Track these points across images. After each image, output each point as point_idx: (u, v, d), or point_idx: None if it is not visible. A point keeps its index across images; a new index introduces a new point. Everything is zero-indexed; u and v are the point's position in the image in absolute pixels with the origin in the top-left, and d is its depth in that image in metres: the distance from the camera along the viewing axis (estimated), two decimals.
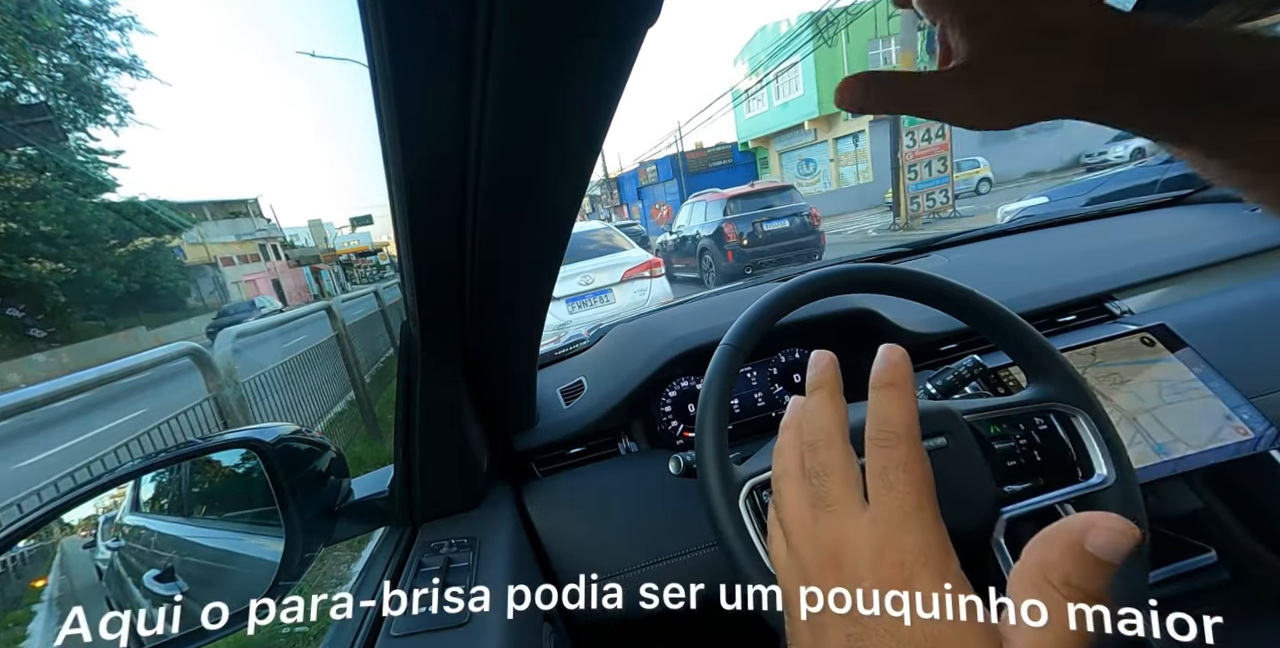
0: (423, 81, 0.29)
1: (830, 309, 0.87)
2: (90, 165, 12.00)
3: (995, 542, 0.51)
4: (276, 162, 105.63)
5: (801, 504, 0.27)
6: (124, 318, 14.74)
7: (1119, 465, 0.52)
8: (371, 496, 0.67)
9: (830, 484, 0.26)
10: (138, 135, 33.12)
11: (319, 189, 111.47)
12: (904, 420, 0.25)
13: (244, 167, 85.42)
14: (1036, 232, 1.26)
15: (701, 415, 0.54)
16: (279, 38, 48.79)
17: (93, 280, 11.18)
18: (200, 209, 24.93)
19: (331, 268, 31.25)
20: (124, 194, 13.53)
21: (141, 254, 12.70)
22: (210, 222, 24.94)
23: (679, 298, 1.19)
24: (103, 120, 12.29)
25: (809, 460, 0.28)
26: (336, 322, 3.86)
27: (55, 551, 0.56)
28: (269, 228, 28.01)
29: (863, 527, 0.24)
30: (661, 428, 0.91)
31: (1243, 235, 1.02)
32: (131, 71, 12.91)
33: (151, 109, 56.06)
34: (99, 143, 12.44)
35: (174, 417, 2.30)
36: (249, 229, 26.65)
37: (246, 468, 0.58)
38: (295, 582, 0.54)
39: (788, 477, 0.28)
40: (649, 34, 0.27)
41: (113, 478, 0.54)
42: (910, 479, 0.24)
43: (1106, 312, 0.92)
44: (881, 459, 0.25)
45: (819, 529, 0.26)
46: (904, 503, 0.24)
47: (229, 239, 25.05)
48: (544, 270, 0.51)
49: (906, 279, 0.56)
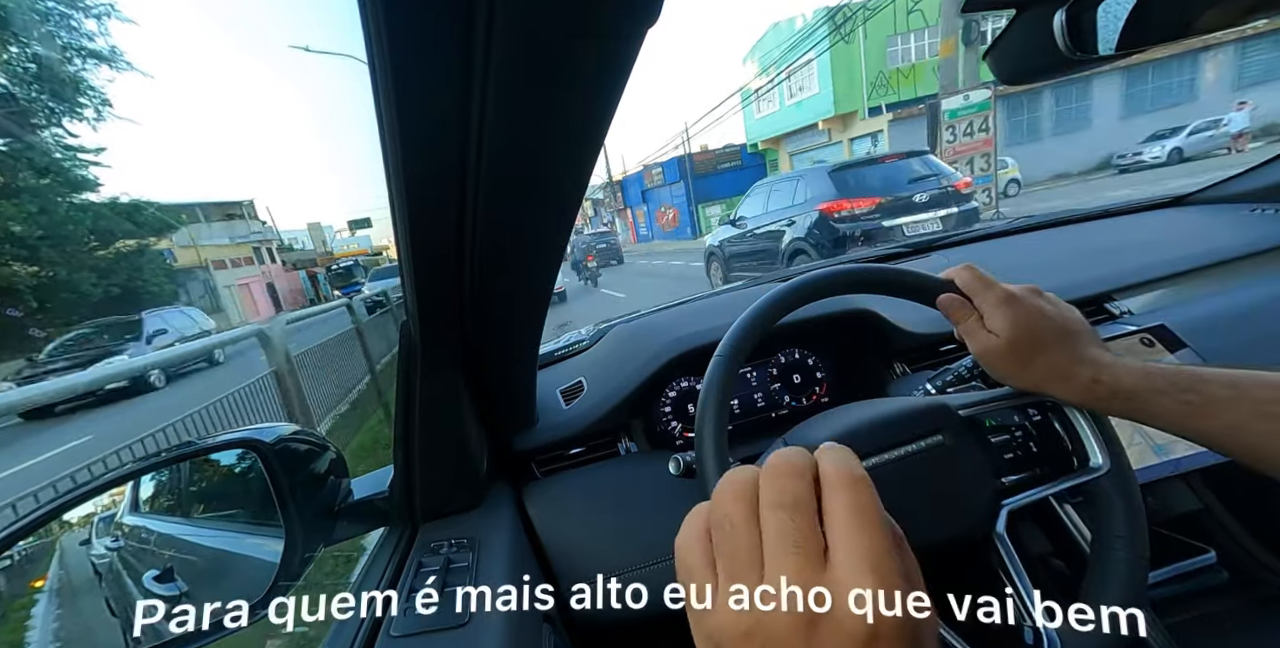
0: (423, 82, 0.29)
1: (830, 310, 0.87)
2: (68, 163, 11.27)
3: (998, 535, 0.51)
4: (274, 164, 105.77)
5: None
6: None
7: (1114, 454, 0.52)
8: (371, 495, 0.67)
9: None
10: (125, 133, 32.43)
11: (318, 191, 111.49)
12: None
13: (240, 168, 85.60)
14: (1036, 232, 1.26)
15: (700, 423, 0.54)
16: (278, 37, 49.03)
17: (68, 284, 10.47)
18: (194, 211, 24.37)
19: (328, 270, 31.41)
20: (106, 194, 12.56)
21: (124, 256, 11.98)
22: (204, 224, 24.42)
23: (679, 298, 1.19)
24: (79, 114, 11.47)
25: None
26: (274, 352, 2.93)
27: (55, 549, 0.56)
28: (264, 230, 27.46)
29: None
30: (661, 428, 0.91)
31: (1243, 236, 1.02)
32: (110, 63, 11.88)
33: (141, 105, 55.43)
34: (78, 139, 11.46)
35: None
36: (244, 232, 26.00)
37: (246, 468, 0.58)
38: (295, 582, 0.54)
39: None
40: (651, 35, 0.27)
41: (112, 478, 0.54)
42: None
43: (1106, 312, 0.92)
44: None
45: None
46: None
47: (223, 242, 24.45)
48: (544, 270, 0.51)
49: (905, 279, 0.56)
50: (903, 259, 1.21)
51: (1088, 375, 0.47)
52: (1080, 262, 1.03)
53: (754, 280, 1.22)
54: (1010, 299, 0.50)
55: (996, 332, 0.49)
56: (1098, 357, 0.47)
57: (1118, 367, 0.46)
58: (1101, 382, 0.46)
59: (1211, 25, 0.38)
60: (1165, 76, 15.87)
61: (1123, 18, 0.39)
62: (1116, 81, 16.02)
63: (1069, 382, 0.48)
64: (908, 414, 0.54)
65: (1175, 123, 14.23)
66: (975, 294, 0.52)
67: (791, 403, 0.94)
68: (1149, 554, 0.51)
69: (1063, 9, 0.42)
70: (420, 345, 0.55)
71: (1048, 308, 0.50)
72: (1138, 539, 0.50)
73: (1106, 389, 0.46)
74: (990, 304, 0.50)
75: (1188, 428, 0.44)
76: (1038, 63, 0.47)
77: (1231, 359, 0.77)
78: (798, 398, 0.94)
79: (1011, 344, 0.49)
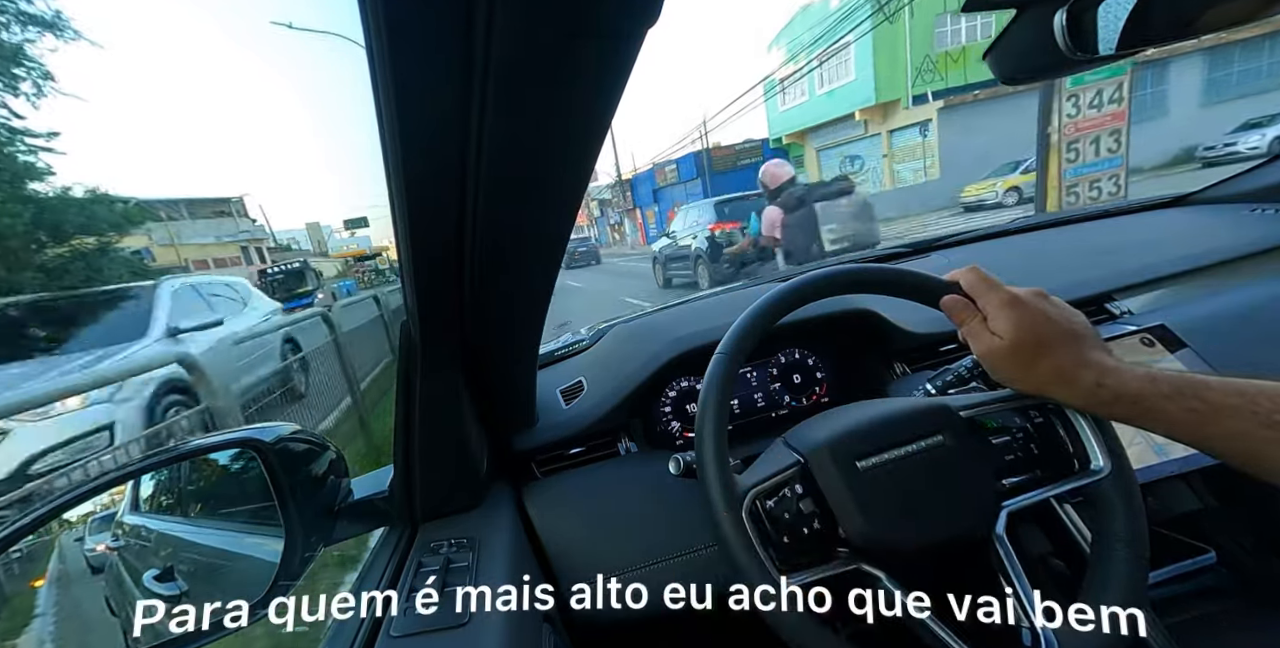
0: (423, 82, 0.29)
1: (830, 309, 0.87)
2: (8, 148, 9.20)
3: (997, 536, 0.51)
4: (272, 162, 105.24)
5: None
6: None
7: (1115, 456, 0.52)
8: (371, 495, 0.67)
9: None
10: (96, 120, 30.24)
11: (317, 191, 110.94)
12: None
13: (236, 165, 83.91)
14: (1036, 232, 1.26)
15: (701, 422, 0.54)
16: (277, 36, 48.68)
17: (5, 285, 8.93)
18: (178, 207, 23.47)
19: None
20: (59, 184, 9.92)
21: (81, 256, 10.19)
22: (188, 221, 23.46)
23: (679, 298, 1.19)
24: (14, 88, 9.06)
25: None
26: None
27: (54, 547, 0.56)
28: (254, 229, 26.72)
29: None
30: (661, 428, 0.91)
31: (1243, 236, 1.02)
32: (55, 31, 9.16)
33: (125, 95, 51.94)
34: (25, 121, 9.14)
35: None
36: (232, 230, 25.18)
37: (246, 468, 0.58)
38: (295, 582, 0.54)
39: None
40: (664, 25, 0.27)
41: (113, 477, 0.54)
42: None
43: (1106, 312, 0.92)
44: None
45: None
46: None
47: (208, 241, 23.65)
48: (544, 270, 0.51)
49: (909, 280, 0.56)
50: (903, 259, 1.21)
51: (1091, 379, 0.47)
52: (1080, 262, 1.03)
53: (754, 280, 1.22)
54: (1015, 302, 0.50)
55: (1000, 334, 0.50)
56: (1102, 360, 0.47)
57: (1122, 371, 0.46)
58: (1106, 386, 0.46)
59: (1212, 25, 0.38)
60: (1254, 59, 13.56)
61: (1123, 18, 0.39)
62: (1197, 65, 13.79)
63: (1072, 385, 0.48)
64: (908, 415, 0.54)
65: (1270, 110, 11.73)
66: (979, 296, 0.52)
67: (791, 403, 0.94)
68: (1149, 556, 0.51)
69: (1063, 9, 0.42)
70: (420, 345, 0.55)
71: (1052, 311, 0.50)
72: (1138, 541, 0.50)
73: (1110, 393, 0.46)
74: (994, 306, 0.50)
75: (1191, 435, 0.44)
76: (1038, 63, 0.47)
77: (1231, 360, 0.77)
78: (798, 398, 0.94)
79: (1015, 347, 0.49)
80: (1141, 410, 0.45)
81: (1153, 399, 0.44)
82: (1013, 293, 0.50)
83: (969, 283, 0.53)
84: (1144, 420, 0.46)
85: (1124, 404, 0.46)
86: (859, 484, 0.51)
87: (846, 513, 0.50)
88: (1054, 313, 0.50)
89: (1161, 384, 0.44)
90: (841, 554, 0.52)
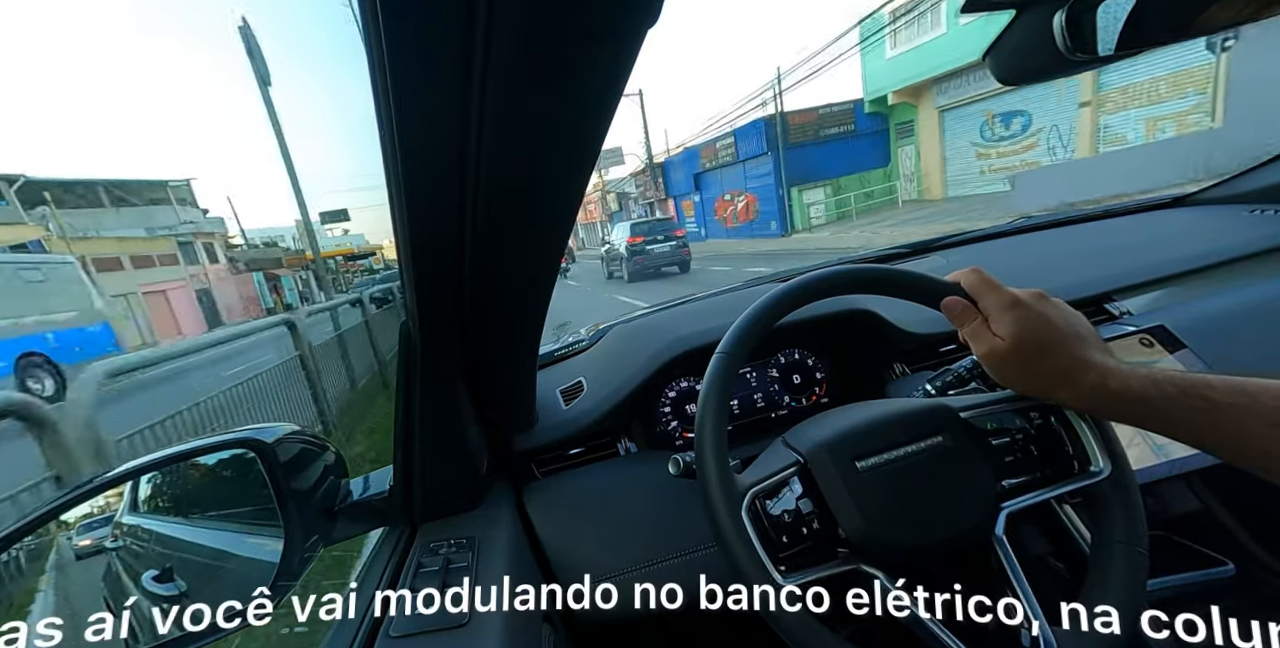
0: (422, 82, 0.29)
1: (830, 310, 0.87)
2: None
3: (996, 538, 0.51)
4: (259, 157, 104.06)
5: None
6: None
7: (1115, 457, 0.52)
8: (371, 495, 0.66)
9: None
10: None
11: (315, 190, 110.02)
12: None
13: (206, 158, 78.07)
14: (1036, 232, 1.26)
15: (700, 422, 0.54)
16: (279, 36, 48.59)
17: None
18: (94, 191, 17.91)
19: (296, 274, 23.69)
20: None
21: None
22: (109, 209, 18.01)
23: (679, 298, 1.19)
24: None
25: None
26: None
27: (51, 548, 0.56)
28: (204, 221, 20.98)
29: None
30: (661, 429, 0.91)
31: (1243, 236, 1.02)
32: None
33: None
34: None
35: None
36: (169, 221, 19.29)
37: (246, 468, 0.58)
38: (294, 582, 0.54)
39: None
40: (650, 34, 0.27)
41: (112, 478, 0.54)
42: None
43: (1106, 313, 0.92)
44: None
45: None
46: None
47: (135, 233, 17.83)
48: (544, 269, 0.51)
49: (909, 280, 0.56)
50: (903, 259, 1.21)
51: (1093, 380, 0.47)
52: (1080, 262, 1.03)
53: (754, 280, 1.22)
54: (1016, 303, 0.50)
55: (1002, 336, 0.49)
56: (1103, 362, 0.47)
57: (1124, 372, 0.46)
58: (1107, 387, 0.46)
59: (1213, 25, 0.38)
60: None
61: (1123, 18, 0.39)
62: None
63: (1074, 386, 0.48)
64: (908, 415, 0.54)
65: None
66: (981, 297, 0.52)
67: (791, 403, 0.94)
68: (1149, 558, 0.51)
69: (1063, 9, 0.42)
70: (420, 346, 0.55)
71: (1053, 313, 0.50)
72: (1138, 543, 0.50)
73: (1112, 394, 0.46)
74: (996, 308, 0.50)
75: (1194, 435, 0.44)
76: (1038, 63, 0.47)
77: (1231, 360, 0.77)
78: (797, 398, 0.94)
79: (1017, 348, 0.49)
80: (1144, 411, 0.45)
81: (1155, 400, 0.44)
82: (1014, 294, 0.50)
83: (970, 284, 0.53)
84: (1146, 421, 0.46)
85: (1126, 405, 0.46)
86: (858, 485, 0.51)
87: (846, 513, 0.50)
88: (1055, 315, 0.49)
89: (1163, 385, 0.44)
90: (841, 554, 0.52)
